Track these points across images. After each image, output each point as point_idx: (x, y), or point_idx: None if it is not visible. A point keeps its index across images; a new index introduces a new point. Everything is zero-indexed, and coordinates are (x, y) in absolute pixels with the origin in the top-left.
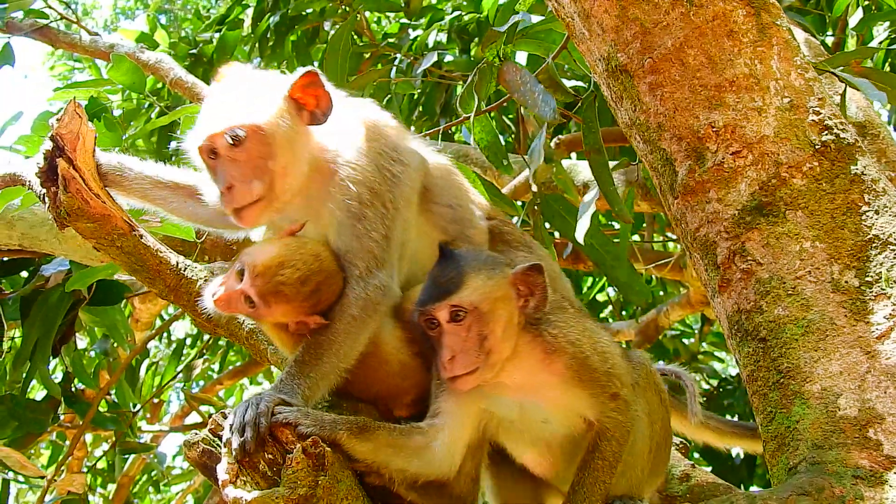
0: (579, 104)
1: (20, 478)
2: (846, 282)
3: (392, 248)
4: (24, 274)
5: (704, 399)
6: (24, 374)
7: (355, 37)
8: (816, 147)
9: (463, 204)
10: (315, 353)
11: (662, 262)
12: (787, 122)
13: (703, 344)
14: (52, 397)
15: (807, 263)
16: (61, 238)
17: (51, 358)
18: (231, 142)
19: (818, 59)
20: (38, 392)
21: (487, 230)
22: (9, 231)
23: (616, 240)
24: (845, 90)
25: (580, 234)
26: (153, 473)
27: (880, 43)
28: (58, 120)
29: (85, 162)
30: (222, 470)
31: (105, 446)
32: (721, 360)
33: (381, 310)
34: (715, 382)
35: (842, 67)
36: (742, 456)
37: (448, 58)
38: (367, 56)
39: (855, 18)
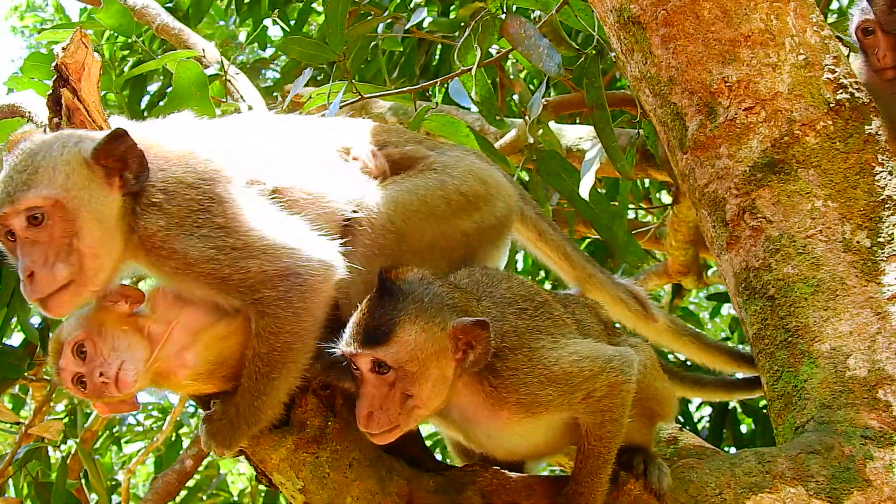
0: (581, 60)
1: None
2: (858, 242)
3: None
4: None
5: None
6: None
7: None
8: (831, 105)
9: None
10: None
11: (640, 230)
12: (801, 80)
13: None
14: (28, 343)
15: (818, 222)
16: None
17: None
18: (29, 222)
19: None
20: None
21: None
22: None
23: None
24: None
25: (584, 190)
26: (114, 430)
27: None
28: (63, 49)
29: (89, 93)
30: None
31: (66, 401)
32: None
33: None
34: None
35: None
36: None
37: (428, 18)
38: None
39: None
